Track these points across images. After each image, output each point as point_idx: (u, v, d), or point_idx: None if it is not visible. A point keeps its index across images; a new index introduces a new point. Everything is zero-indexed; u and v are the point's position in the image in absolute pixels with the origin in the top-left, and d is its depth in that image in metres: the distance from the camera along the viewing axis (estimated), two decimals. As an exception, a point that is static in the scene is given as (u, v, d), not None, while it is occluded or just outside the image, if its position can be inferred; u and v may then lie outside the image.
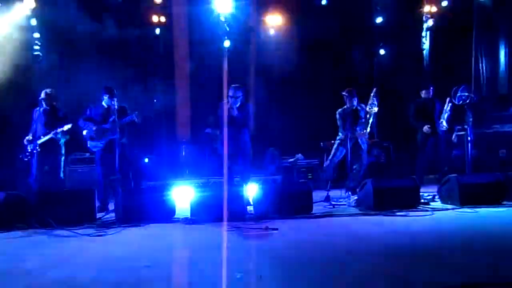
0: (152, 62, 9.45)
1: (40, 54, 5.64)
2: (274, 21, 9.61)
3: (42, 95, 6.00)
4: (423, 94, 6.96)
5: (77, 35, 8.12)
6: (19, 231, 4.52)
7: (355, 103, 6.37)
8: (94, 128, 5.94)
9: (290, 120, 9.20)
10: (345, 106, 6.47)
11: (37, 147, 5.86)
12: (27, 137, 5.95)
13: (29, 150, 5.87)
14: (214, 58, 9.62)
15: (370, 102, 6.21)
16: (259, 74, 9.72)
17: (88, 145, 6.11)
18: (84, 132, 6.04)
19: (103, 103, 6.05)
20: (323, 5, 9.08)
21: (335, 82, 8.41)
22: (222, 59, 9.79)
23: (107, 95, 5.92)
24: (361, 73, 9.99)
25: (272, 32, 9.79)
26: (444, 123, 6.61)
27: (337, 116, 6.52)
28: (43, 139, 5.94)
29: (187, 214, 4.98)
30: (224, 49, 9.76)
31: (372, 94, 6.23)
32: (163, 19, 9.36)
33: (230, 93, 6.50)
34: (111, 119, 5.82)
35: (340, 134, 6.54)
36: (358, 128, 6.29)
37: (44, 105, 5.98)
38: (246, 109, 6.62)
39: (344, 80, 8.82)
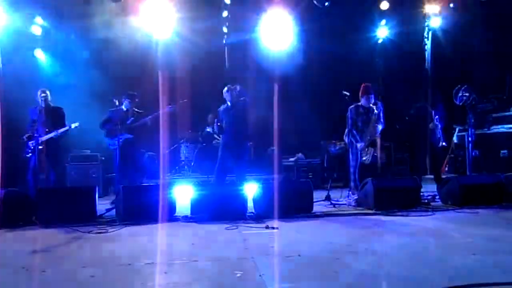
0: (152, 61, 9.42)
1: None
2: (275, 20, 9.59)
3: (38, 94, 6.15)
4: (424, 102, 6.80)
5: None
6: (20, 228, 4.53)
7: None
8: (113, 129, 6.35)
9: (291, 119, 9.18)
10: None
11: (39, 145, 5.92)
12: (26, 135, 6.04)
13: (32, 148, 5.94)
14: (215, 57, 9.61)
15: (367, 154, 6.07)
16: (260, 73, 9.71)
17: (108, 144, 6.55)
18: (105, 133, 6.49)
19: (123, 107, 6.48)
20: (325, 5, 9.04)
21: (336, 82, 8.40)
22: (223, 57, 9.79)
23: (128, 100, 6.46)
24: (362, 72, 9.96)
25: (272, 31, 9.77)
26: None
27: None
28: (46, 137, 6.03)
29: (187, 212, 4.99)
30: (224, 47, 9.75)
31: (373, 148, 6.10)
32: (164, 17, 9.33)
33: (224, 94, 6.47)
34: (128, 121, 6.39)
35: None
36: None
37: (41, 103, 6.12)
38: (244, 109, 6.54)
39: (345, 79, 8.80)
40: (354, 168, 6.13)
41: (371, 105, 6.04)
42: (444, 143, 6.41)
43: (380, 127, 6.05)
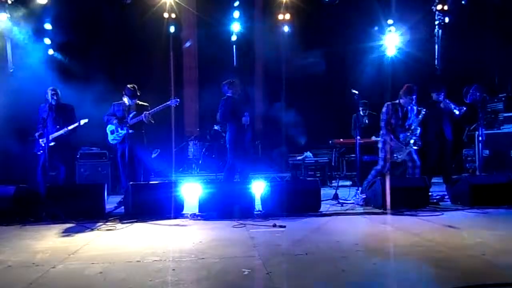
0: (159, 57, 9.46)
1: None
2: (283, 19, 9.60)
3: (48, 92, 6.22)
4: (433, 96, 6.71)
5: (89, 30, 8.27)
6: (30, 224, 4.58)
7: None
8: (114, 122, 6.25)
9: (299, 118, 9.17)
10: None
11: (50, 142, 5.98)
12: (37, 133, 6.11)
13: (42, 145, 6.00)
14: (223, 55, 9.63)
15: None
16: (269, 71, 9.71)
17: (108, 139, 6.40)
18: (108, 127, 6.36)
19: (125, 100, 6.28)
20: (333, 4, 9.02)
21: (345, 81, 8.37)
22: (231, 55, 9.81)
23: (129, 93, 6.22)
24: (370, 71, 9.92)
25: (281, 30, 9.78)
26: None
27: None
28: (56, 134, 6.10)
29: (195, 210, 5.01)
30: (232, 45, 9.77)
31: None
32: (173, 15, 9.38)
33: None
34: (130, 115, 6.19)
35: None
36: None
37: (50, 101, 6.18)
38: (246, 105, 6.48)
39: (354, 79, 8.77)
40: (377, 171, 5.91)
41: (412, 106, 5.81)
42: (464, 108, 6.16)
43: (419, 129, 5.86)
